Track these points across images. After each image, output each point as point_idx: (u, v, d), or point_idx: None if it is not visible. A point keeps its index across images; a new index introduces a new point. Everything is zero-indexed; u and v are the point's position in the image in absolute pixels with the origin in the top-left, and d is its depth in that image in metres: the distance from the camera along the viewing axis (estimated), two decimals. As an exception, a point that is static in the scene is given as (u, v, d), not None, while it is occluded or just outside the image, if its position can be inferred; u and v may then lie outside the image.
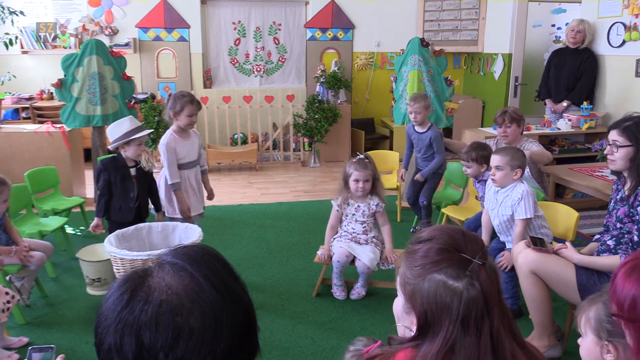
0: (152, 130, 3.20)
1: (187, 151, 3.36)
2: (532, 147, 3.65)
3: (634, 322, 1.12)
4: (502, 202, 2.85)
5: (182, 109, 3.27)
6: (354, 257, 3.09)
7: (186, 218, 3.34)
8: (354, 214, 3.16)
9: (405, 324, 1.12)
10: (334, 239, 3.20)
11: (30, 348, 1.15)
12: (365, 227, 3.17)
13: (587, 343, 1.30)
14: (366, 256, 3.05)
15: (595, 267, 2.36)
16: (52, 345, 1.19)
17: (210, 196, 3.64)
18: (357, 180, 3.07)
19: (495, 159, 2.86)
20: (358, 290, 3.18)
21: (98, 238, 4.00)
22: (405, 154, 4.40)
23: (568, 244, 2.52)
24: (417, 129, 4.12)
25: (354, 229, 3.17)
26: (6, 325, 2.80)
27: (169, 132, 3.35)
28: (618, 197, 2.43)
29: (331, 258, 3.15)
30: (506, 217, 2.84)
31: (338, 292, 3.19)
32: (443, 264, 1.05)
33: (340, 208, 3.18)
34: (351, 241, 3.14)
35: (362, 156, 3.13)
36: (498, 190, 2.89)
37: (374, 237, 3.18)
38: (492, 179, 2.88)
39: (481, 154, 3.38)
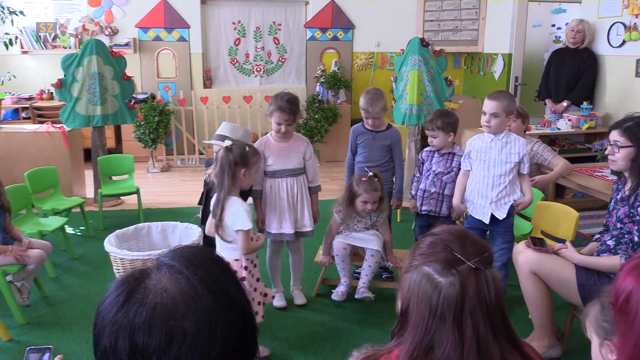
0: (227, 143, 2.54)
1: (279, 157, 2.92)
2: (544, 153, 3.64)
3: (622, 314, 1.14)
4: (504, 150, 2.83)
5: (271, 114, 2.89)
6: (358, 252, 3.10)
7: (259, 230, 3.03)
8: (356, 224, 3.14)
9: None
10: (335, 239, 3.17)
11: (28, 348, 1.14)
12: (366, 227, 3.17)
13: (594, 346, 1.31)
14: (371, 241, 3.04)
15: (596, 268, 2.35)
16: (50, 346, 1.19)
17: (314, 219, 3.11)
18: (365, 202, 2.98)
19: (492, 105, 2.79)
20: (364, 291, 3.03)
21: (98, 238, 4.01)
22: (349, 164, 3.49)
23: (568, 244, 2.52)
24: (370, 127, 3.37)
25: (355, 228, 3.17)
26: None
27: (268, 134, 3.02)
28: (618, 197, 2.43)
29: (333, 259, 3.14)
30: (511, 165, 2.82)
31: (337, 291, 3.08)
32: (433, 257, 1.09)
33: (343, 222, 3.12)
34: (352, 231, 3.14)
35: (371, 174, 3.00)
36: (493, 139, 2.86)
37: (375, 229, 3.19)
38: (486, 126, 2.84)
39: (447, 120, 3.19)
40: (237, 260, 2.43)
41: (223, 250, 2.44)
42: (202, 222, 2.90)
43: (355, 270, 3.45)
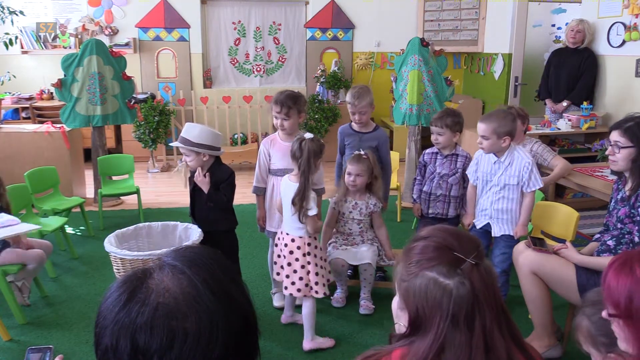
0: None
1: (284, 156, 2.91)
2: (543, 153, 3.65)
3: (632, 318, 1.11)
4: (505, 171, 2.84)
5: (270, 108, 2.96)
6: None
7: (260, 230, 3.18)
8: (351, 212, 3.08)
9: (402, 322, 1.13)
10: (330, 243, 3.14)
11: (28, 348, 1.14)
12: (361, 227, 3.11)
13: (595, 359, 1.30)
14: (362, 255, 3.03)
15: (596, 268, 2.35)
16: (50, 346, 1.19)
17: None
18: (349, 174, 3.02)
19: (480, 128, 2.80)
20: (367, 304, 3.07)
21: (98, 238, 4.01)
22: (337, 164, 3.46)
23: (568, 244, 2.52)
24: (357, 128, 3.34)
25: (350, 229, 3.11)
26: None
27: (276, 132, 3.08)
28: (619, 197, 2.43)
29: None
30: (510, 187, 2.82)
31: (336, 299, 3.14)
32: (435, 261, 1.07)
33: (337, 205, 3.10)
34: (346, 243, 3.10)
35: (361, 152, 3.05)
36: (496, 161, 2.87)
37: (369, 238, 3.14)
38: (480, 147, 2.86)
39: (456, 120, 3.19)
40: (301, 237, 2.67)
41: (293, 229, 2.68)
42: (194, 219, 2.88)
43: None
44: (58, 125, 4.85)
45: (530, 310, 2.59)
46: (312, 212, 2.61)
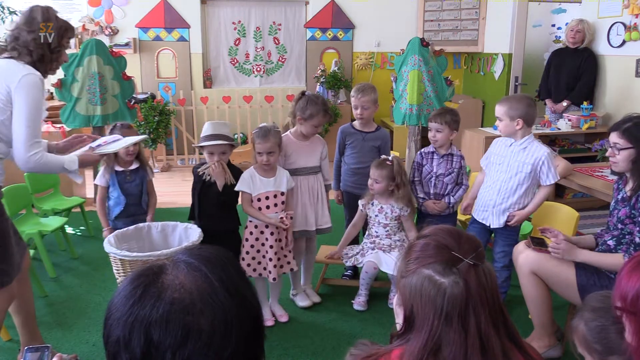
0: (227, 142, 2.79)
1: (301, 155, 3.02)
2: None
3: (635, 314, 1.14)
4: (519, 157, 2.83)
5: (312, 118, 2.95)
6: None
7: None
8: (377, 215, 3.08)
9: (399, 319, 1.14)
10: (363, 249, 3.11)
11: (26, 348, 1.14)
12: (388, 230, 3.08)
13: None
14: (392, 265, 2.97)
15: (598, 265, 2.34)
16: (48, 345, 1.19)
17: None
18: (370, 178, 3.05)
19: (495, 109, 2.89)
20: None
21: (98, 238, 4.00)
22: (336, 165, 3.46)
23: (561, 236, 2.49)
24: (359, 127, 3.38)
25: (377, 232, 3.10)
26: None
27: (287, 132, 3.09)
28: (619, 197, 2.43)
29: (339, 257, 3.16)
30: (522, 174, 2.81)
31: (358, 303, 3.10)
32: (432, 259, 1.08)
33: (364, 208, 3.12)
34: (375, 248, 3.08)
35: (385, 157, 3.06)
36: (512, 143, 2.86)
37: (398, 240, 3.09)
38: (498, 129, 2.93)
39: (455, 118, 3.19)
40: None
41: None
42: (199, 219, 2.88)
43: (344, 274, 3.47)
44: (58, 126, 4.86)
45: (530, 310, 2.59)
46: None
